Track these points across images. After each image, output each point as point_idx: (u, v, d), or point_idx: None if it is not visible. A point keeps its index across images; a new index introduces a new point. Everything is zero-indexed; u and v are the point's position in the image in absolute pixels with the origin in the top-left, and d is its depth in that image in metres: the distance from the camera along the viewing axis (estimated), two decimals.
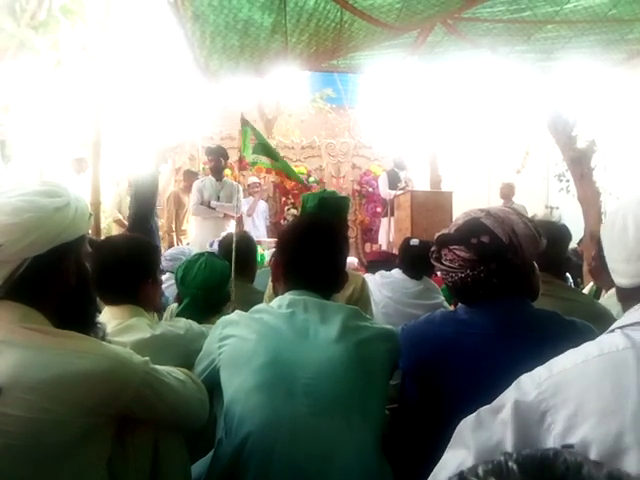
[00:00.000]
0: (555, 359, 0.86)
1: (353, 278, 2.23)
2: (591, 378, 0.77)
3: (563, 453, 0.44)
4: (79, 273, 1.07)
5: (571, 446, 0.70)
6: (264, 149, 3.13)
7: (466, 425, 0.90)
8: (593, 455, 0.70)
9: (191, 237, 6.83)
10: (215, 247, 3.47)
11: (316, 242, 1.36)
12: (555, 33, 3.08)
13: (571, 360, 0.82)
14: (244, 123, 3.03)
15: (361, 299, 2.27)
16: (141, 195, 4.75)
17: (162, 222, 7.81)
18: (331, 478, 1.11)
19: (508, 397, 0.85)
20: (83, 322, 1.05)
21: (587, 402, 0.75)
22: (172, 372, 1.15)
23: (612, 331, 0.88)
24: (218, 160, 5.30)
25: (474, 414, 0.89)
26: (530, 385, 0.83)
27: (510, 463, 0.43)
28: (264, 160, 3.13)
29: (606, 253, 0.96)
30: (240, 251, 2.52)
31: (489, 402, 0.90)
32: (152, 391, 1.05)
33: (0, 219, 0.95)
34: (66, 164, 6.25)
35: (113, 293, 1.49)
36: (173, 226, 6.86)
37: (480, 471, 0.43)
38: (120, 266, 1.50)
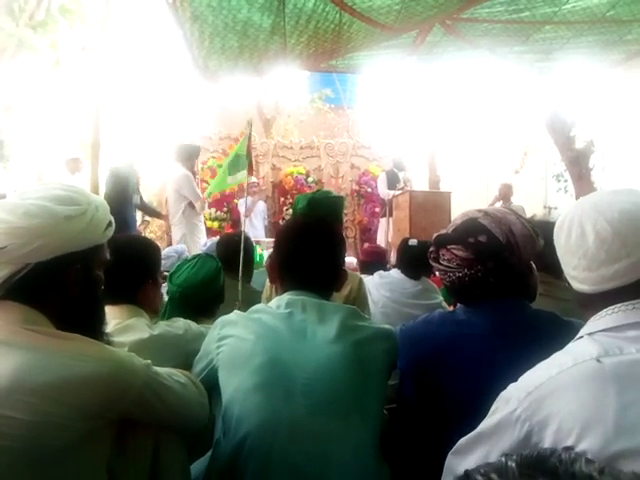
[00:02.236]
0: (529, 373, 0.86)
1: (350, 278, 2.24)
2: (569, 390, 0.77)
3: (559, 451, 0.46)
4: (86, 283, 1.05)
5: (571, 448, 0.70)
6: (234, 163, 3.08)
7: (452, 456, 0.90)
8: None
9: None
10: (208, 246, 3.46)
11: (310, 241, 1.35)
12: (553, 34, 3.09)
13: (546, 373, 0.82)
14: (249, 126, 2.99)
15: (358, 298, 2.27)
16: (113, 187, 4.77)
17: (161, 222, 7.82)
18: (329, 477, 1.11)
19: (489, 422, 0.85)
20: (87, 330, 1.03)
21: (569, 415, 0.75)
22: (173, 375, 1.14)
23: (580, 338, 0.88)
24: None
25: (458, 444, 0.89)
26: (509, 406, 0.82)
27: (510, 462, 0.45)
28: (238, 177, 3.09)
29: (563, 260, 0.95)
30: (237, 251, 2.52)
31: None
32: (153, 394, 1.04)
33: (9, 221, 0.94)
34: (61, 164, 6.24)
35: (113, 293, 1.47)
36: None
37: (482, 470, 0.46)
38: (121, 266, 1.48)
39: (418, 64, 3.57)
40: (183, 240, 5.03)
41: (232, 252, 2.58)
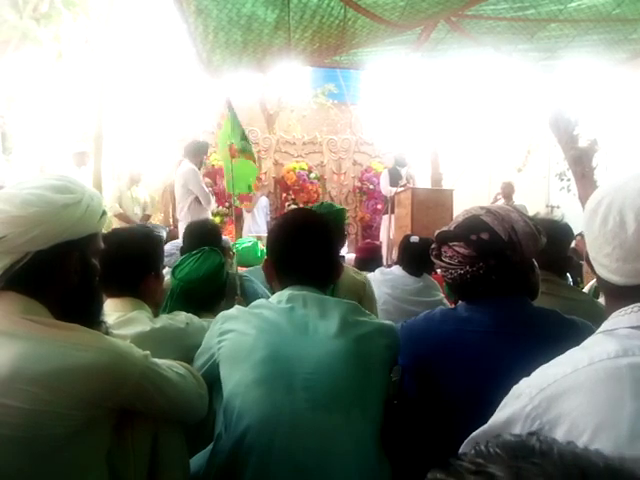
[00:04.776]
0: (542, 369, 0.82)
1: (358, 277, 2.29)
2: (583, 390, 0.74)
3: (536, 434, 0.48)
4: (84, 272, 1.06)
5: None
6: (243, 135, 3.05)
7: (464, 450, 0.88)
8: None
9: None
10: None
11: (305, 237, 1.35)
12: (558, 32, 3.08)
13: (560, 371, 0.78)
14: (229, 107, 2.99)
15: (365, 297, 2.29)
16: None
17: (162, 216, 7.84)
18: (330, 472, 1.11)
19: (499, 417, 0.83)
20: (85, 319, 1.04)
21: (581, 416, 0.72)
22: (172, 366, 1.15)
23: (601, 333, 0.83)
24: None
25: (469, 439, 0.86)
26: (520, 401, 0.79)
27: (492, 448, 0.46)
28: (249, 149, 3.06)
29: (592, 245, 0.87)
30: (206, 236, 2.50)
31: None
32: (152, 385, 1.05)
33: (7, 210, 0.95)
34: (67, 157, 6.24)
35: (116, 285, 1.49)
36: (170, 220, 6.86)
37: (464, 457, 0.46)
38: (124, 259, 1.50)
39: (422, 61, 3.56)
40: None
41: (198, 237, 2.51)
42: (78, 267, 1.04)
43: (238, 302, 1.48)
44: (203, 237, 2.44)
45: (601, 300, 2.13)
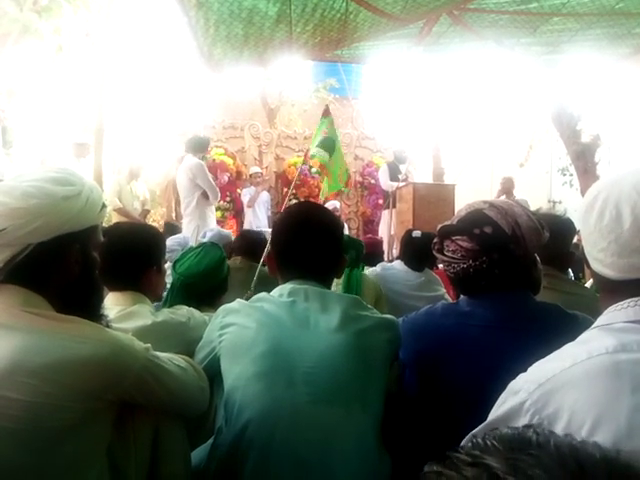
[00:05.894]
0: (540, 364, 0.82)
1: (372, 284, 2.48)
2: (581, 384, 0.73)
3: (532, 426, 0.48)
4: (85, 264, 1.06)
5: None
6: (328, 143, 3.25)
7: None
8: None
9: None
10: (208, 236, 3.51)
11: (308, 230, 1.34)
12: (561, 26, 3.07)
13: (559, 365, 0.78)
14: (325, 114, 3.22)
15: (382, 293, 2.34)
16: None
17: (163, 211, 7.83)
18: (331, 466, 1.11)
19: (498, 413, 0.82)
20: (86, 312, 1.04)
21: (580, 410, 0.72)
22: (173, 359, 1.15)
23: (597, 327, 0.83)
24: None
25: (466, 438, 0.83)
26: (518, 397, 0.79)
27: (489, 441, 0.46)
28: (322, 154, 3.25)
29: (588, 240, 0.86)
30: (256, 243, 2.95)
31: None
32: (153, 377, 1.05)
33: (7, 202, 0.94)
34: (67, 148, 6.21)
35: (117, 279, 1.49)
36: (173, 215, 6.84)
37: (462, 450, 0.46)
38: (126, 252, 1.50)
39: (424, 55, 3.54)
40: (196, 232, 4.97)
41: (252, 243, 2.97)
42: (79, 259, 1.04)
43: (247, 297, 1.47)
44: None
45: None
